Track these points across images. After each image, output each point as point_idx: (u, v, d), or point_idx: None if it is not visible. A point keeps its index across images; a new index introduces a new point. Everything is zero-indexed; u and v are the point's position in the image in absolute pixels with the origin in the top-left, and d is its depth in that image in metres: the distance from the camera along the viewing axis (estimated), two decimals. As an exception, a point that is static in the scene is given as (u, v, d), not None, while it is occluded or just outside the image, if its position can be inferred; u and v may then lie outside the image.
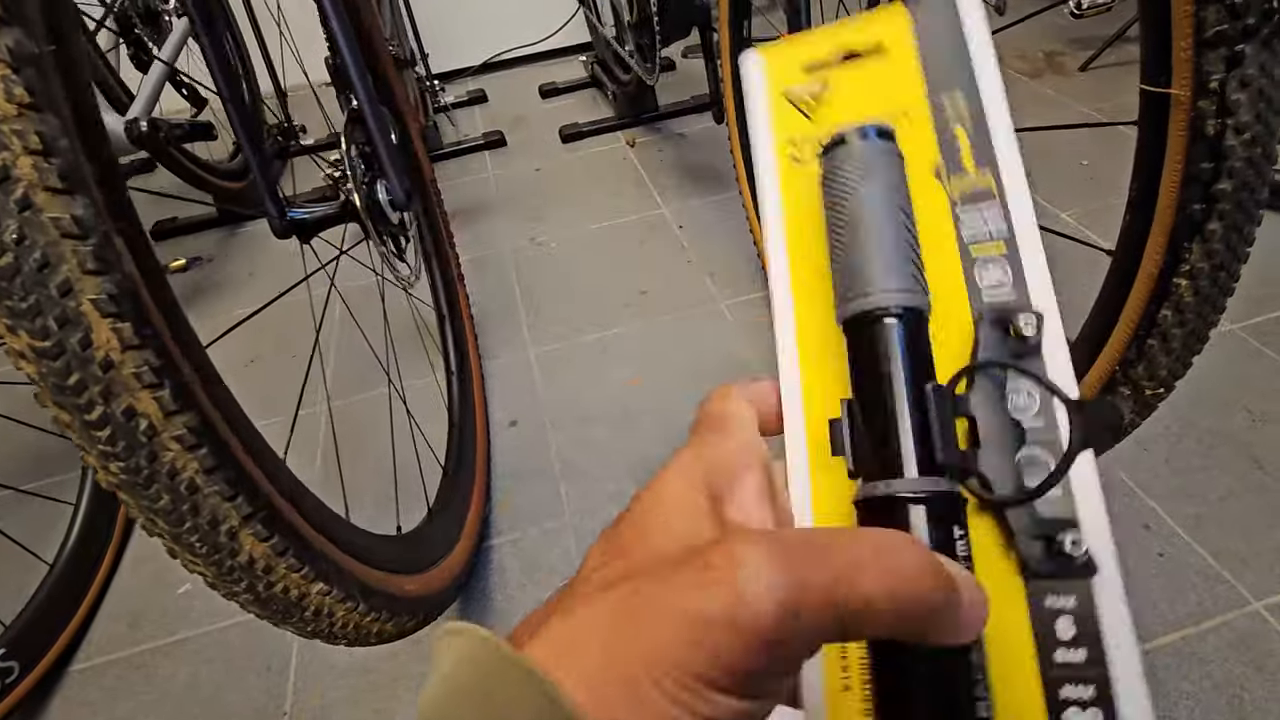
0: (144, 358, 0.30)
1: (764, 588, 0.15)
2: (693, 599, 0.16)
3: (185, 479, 0.32)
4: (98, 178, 0.29)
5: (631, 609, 0.16)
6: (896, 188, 0.21)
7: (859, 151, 0.21)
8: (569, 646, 0.17)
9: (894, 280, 0.20)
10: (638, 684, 0.15)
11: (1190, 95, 0.33)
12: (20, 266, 0.26)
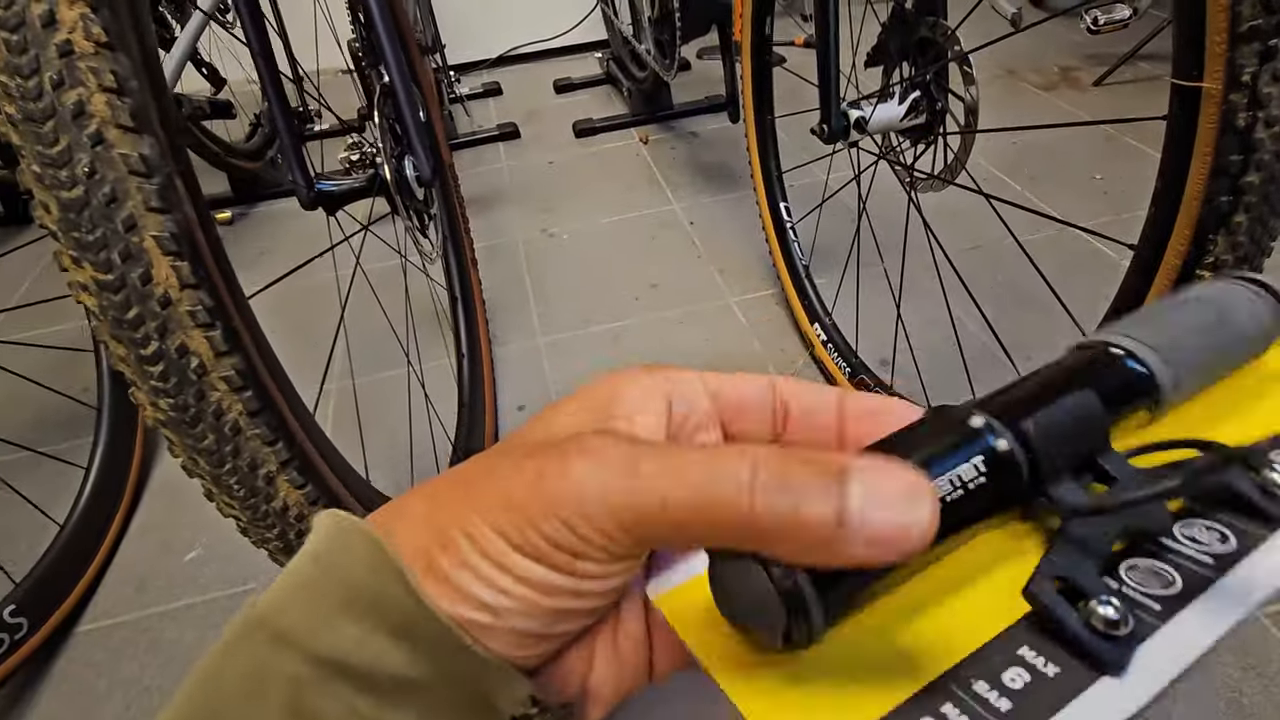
0: (199, 297, 0.30)
1: (593, 475, 0.16)
2: (524, 469, 0.17)
3: (230, 420, 0.32)
4: (161, 120, 0.30)
5: (473, 473, 0.18)
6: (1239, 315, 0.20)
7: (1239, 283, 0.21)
8: (412, 509, 0.18)
9: (1153, 340, 0.19)
10: (446, 531, 0.17)
11: (1222, 89, 0.34)
12: (90, 200, 0.27)
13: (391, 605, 0.16)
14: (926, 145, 0.71)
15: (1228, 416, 0.20)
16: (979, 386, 0.84)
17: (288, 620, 0.17)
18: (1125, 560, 0.17)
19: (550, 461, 0.17)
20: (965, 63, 0.64)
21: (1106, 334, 0.20)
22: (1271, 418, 0.20)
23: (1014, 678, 0.15)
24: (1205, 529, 0.17)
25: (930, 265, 0.84)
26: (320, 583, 0.17)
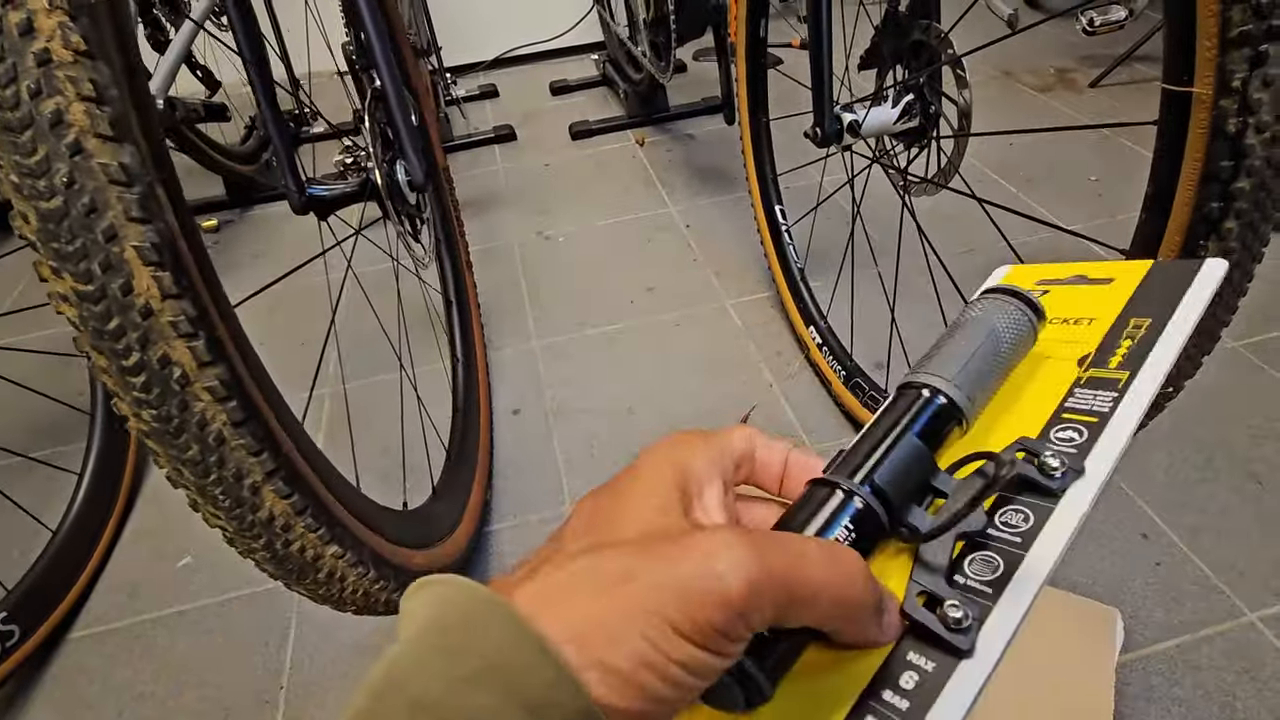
0: (181, 308, 0.30)
1: (736, 565, 0.18)
2: (677, 567, 0.19)
3: (214, 430, 0.32)
4: (142, 128, 0.30)
5: (616, 571, 0.19)
6: (1005, 330, 0.25)
7: (1000, 299, 0.26)
8: (554, 597, 0.19)
9: (961, 382, 0.24)
10: (618, 630, 0.18)
11: (1212, 94, 0.34)
12: (69, 210, 0.27)
13: (531, 680, 0.17)
14: (920, 149, 0.71)
15: (1017, 403, 0.26)
16: (974, 390, 0.83)
17: (425, 689, 0.17)
18: (966, 558, 0.22)
19: (702, 564, 0.19)
20: (959, 66, 0.64)
21: (918, 375, 0.25)
22: (1045, 388, 0.26)
23: (907, 680, 0.20)
24: (1014, 513, 0.22)
25: (924, 269, 0.84)
26: (458, 652, 0.17)
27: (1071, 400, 0.25)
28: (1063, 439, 0.24)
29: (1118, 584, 0.71)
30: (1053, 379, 0.26)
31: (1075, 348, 0.27)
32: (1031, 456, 0.23)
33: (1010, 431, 0.25)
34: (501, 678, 0.17)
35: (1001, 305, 0.26)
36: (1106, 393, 0.24)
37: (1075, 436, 0.23)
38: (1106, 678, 0.50)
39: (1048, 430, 0.24)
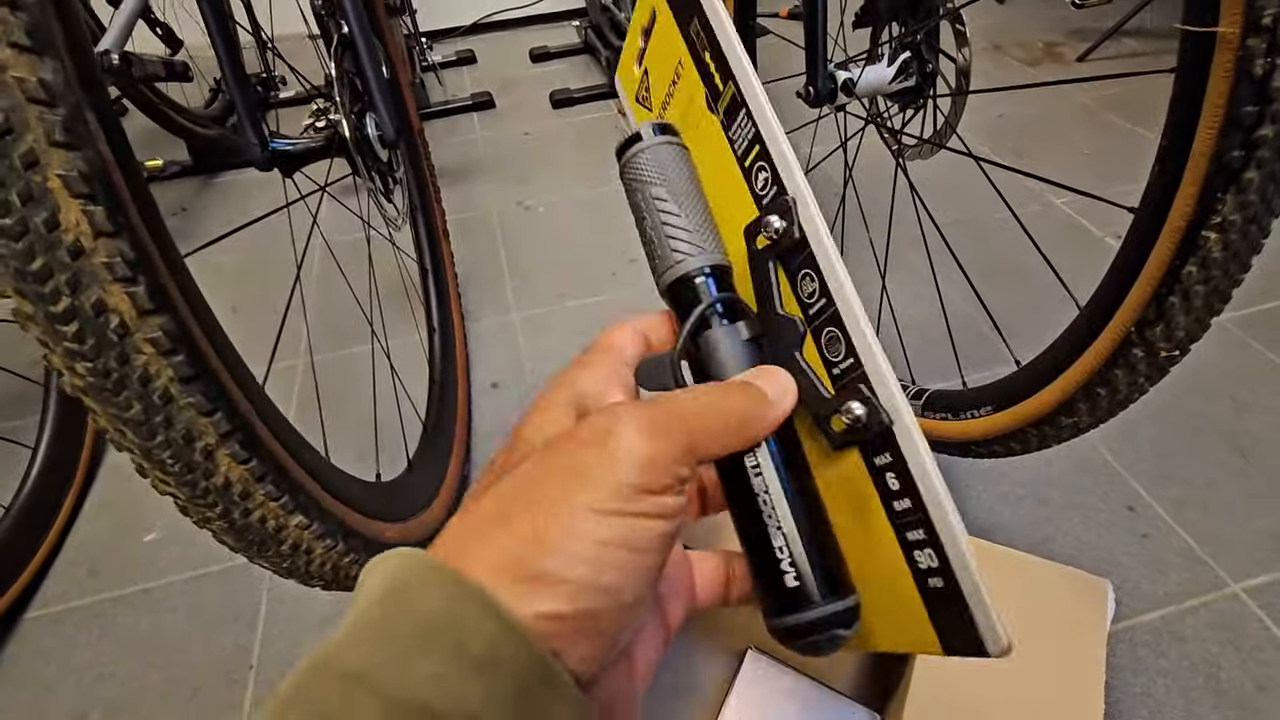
0: (117, 247, 0.27)
1: (632, 427, 0.19)
2: (577, 453, 0.19)
3: (159, 387, 0.29)
4: (67, 42, 0.26)
5: (522, 486, 0.19)
6: (676, 173, 0.25)
7: (643, 152, 0.26)
8: (469, 541, 0.18)
9: (690, 250, 0.25)
10: (541, 534, 0.18)
11: (1239, 33, 0.32)
12: (-23, 129, 0.24)
13: (473, 634, 0.16)
14: (916, 109, 0.68)
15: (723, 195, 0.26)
16: (965, 362, 0.82)
17: (360, 661, 0.16)
18: (821, 345, 0.23)
19: (602, 433, 0.19)
20: (958, 21, 0.61)
21: (674, 270, 0.25)
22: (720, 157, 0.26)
23: (893, 482, 0.21)
24: (803, 279, 0.24)
25: (915, 241, 0.82)
26: (393, 622, 0.16)
27: (737, 146, 0.26)
28: (763, 186, 0.24)
29: (1104, 556, 0.71)
30: (715, 146, 0.26)
31: (697, 97, 0.27)
32: (764, 233, 0.24)
33: (743, 209, 0.26)
34: (444, 640, 0.16)
35: (650, 158, 0.26)
36: (740, 113, 0.25)
37: (765, 173, 0.24)
38: (1098, 648, 0.50)
39: (753, 188, 0.25)
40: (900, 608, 0.21)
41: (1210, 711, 0.60)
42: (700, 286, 0.24)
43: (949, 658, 0.21)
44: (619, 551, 0.18)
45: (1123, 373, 0.45)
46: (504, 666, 0.16)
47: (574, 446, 0.19)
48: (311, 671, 0.16)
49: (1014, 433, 0.57)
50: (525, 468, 0.20)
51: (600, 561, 0.18)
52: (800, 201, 0.23)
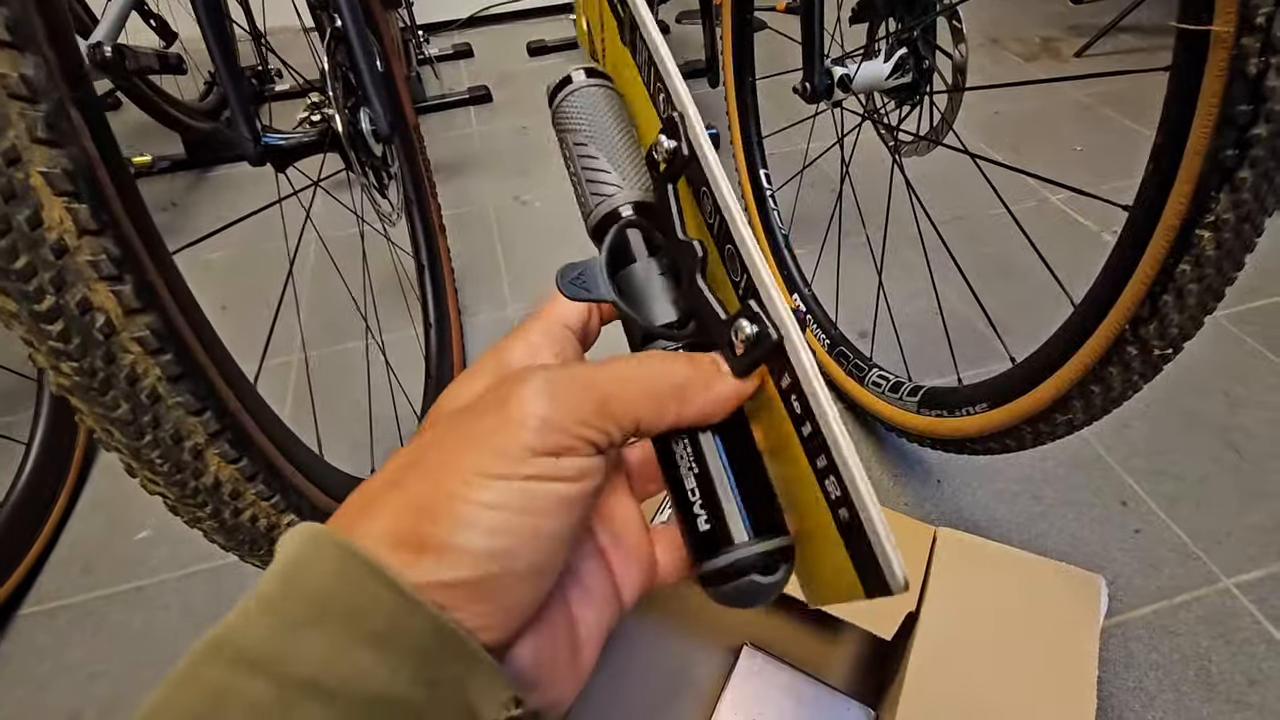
0: (102, 245, 0.27)
1: (530, 389, 0.18)
2: (474, 419, 0.18)
3: (146, 386, 0.29)
4: (49, 36, 0.26)
5: (419, 453, 0.18)
6: (598, 115, 0.25)
7: (571, 95, 0.26)
8: (366, 506, 0.18)
9: (608, 190, 0.24)
10: (428, 501, 0.17)
11: (1234, 32, 0.32)
12: (-42, 126, 0.23)
13: (370, 608, 0.15)
14: (913, 106, 0.68)
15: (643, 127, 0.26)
16: (961, 359, 0.82)
17: (250, 639, 0.15)
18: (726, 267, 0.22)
19: (503, 396, 0.18)
20: (955, 17, 0.61)
21: (601, 207, 0.25)
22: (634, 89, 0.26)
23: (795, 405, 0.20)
24: (703, 199, 0.23)
25: (910, 238, 0.81)
26: (286, 598, 0.16)
27: (641, 73, 0.25)
28: (663, 107, 0.24)
29: (1098, 551, 0.71)
30: (627, 71, 0.26)
31: (615, 35, 0.27)
32: (656, 154, 0.23)
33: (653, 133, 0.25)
34: (335, 615, 0.15)
35: (578, 101, 0.25)
36: (635, 35, 0.25)
37: (663, 94, 0.24)
38: (1091, 643, 0.50)
39: (659, 111, 0.24)
40: (830, 551, 0.20)
41: (1201, 705, 0.60)
42: (618, 224, 0.24)
43: (943, 657, 0.21)
44: (509, 515, 0.17)
45: (1117, 370, 0.45)
46: (406, 639, 0.15)
47: (474, 412, 0.19)
48: (202, 653, 0.15)
49: (1009, 430, 0.57)
50: (424, 436, 0.19)
51: (489, 527, 0.17)
52: (686, 117, 0.22)
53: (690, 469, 0.21)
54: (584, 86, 0.26)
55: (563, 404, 0.18)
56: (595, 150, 0.25)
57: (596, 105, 0.25)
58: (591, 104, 0.25)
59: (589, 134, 0.25)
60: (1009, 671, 0.49)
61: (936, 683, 0.49)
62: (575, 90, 0.25)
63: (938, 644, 0.50)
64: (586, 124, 0.25)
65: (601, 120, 0.25)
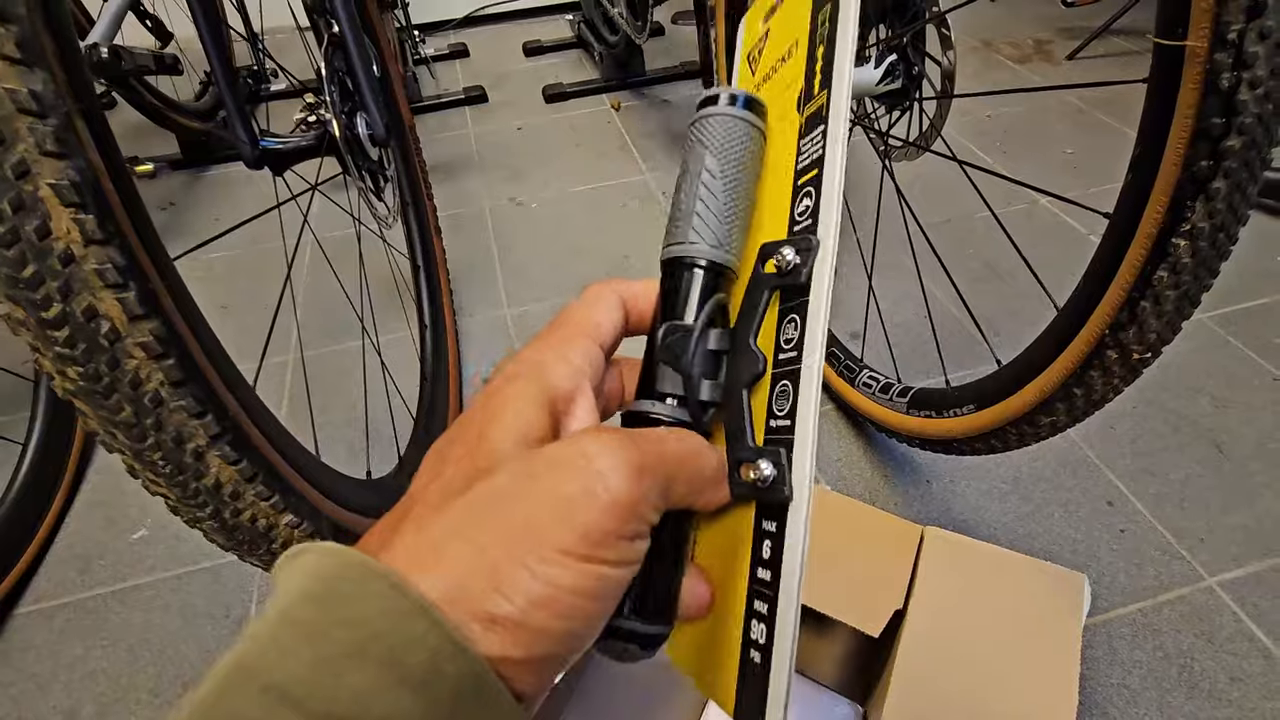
0: (107, 255, 0.27)
1: (617, 461, 0.17)
2: (554, 481, 0.17)
3: (149, 390, 0.29)
4: (58, 53, 0.26)
5: (489, 505, 0.17)
6: (738, 157, 0.24)
7: (718, 116, 0.24)
8: (424, 552, 0.17)
9: (708, 238, 0.23)
10: (503, 572, 0.16)
11: (1207, 48, 0.33)
12: (-31, 140, 0.24)
13: (414, 652, 0.15)
14: (902, 111, 0.69)
15: (766, 201, 0.24)
16: (949, 361, 0.83)
17: (285, 673, 0.14)
18: (774, 395, 0.22)
19: (579, 472, 0.17)
20: (943, 25, 0.62)
21: (674, 249, 0.23)
22: (780, 162, 0.24)
23: (765, 550, 0.21)
24: (789, 325, 0.22)
25: (901, 241, 0.83)
26: (324, 628, 0.15)
27: (801, 159, 0.23)
28: (802, 212, 0.22)
29: (1084, 550, 0.72)
30: (783, 147, 0.24)
31: (792, 89, 0.24)
32: (776, 260, 0.22)
33: (776, 225, 0.24)
34: (376, 652, 0.15)
35: (721, 127, 0.24)
36: (817, 130, 0.22)
37: (809, 202, 0.22)
38: (1073, 641, 0.51)
39: (793, 209, 0.23)
40: (717, 655, 0.22)
41: (1184, 702, 0.61)
42: (695, 277, 0.23)
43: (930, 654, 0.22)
44: (584, 601, 0.17)
45: (1098, 374, 0.46)
46: (445, 683, 0.15)
47: (553, 472, 0.18)
48: (231, 679, 0.15)
49: (995, 431, 0.58)
50: (497, 482, 0.18)
51: (560, 609, 0.16)
52: (823, 249, 0.21)
53: None
54: (742, 119, 0.24)
55: (645, 486, 0.18)
56: (719, 188, 0.23)
57: (742, 144, 0.24)
58: (739, 140, 0.24)
59: (722, 169, 0.23)
60: (993, 668, 0.50)
61: (923, 679, 0.50)
62: (733, 117, 0.24)
63: (924, 641, 0.51)
64: (724, 156, 0.24)
65: (739, 162, 0.24)
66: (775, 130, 0.25)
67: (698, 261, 0.23)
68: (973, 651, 0.51)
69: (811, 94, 0.23)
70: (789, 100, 0.24)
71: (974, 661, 0.50)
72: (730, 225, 0.23)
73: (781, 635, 0.19)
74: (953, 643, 0.51)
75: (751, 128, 0.24)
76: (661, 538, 0.20)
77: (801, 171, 0.23)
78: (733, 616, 0.21)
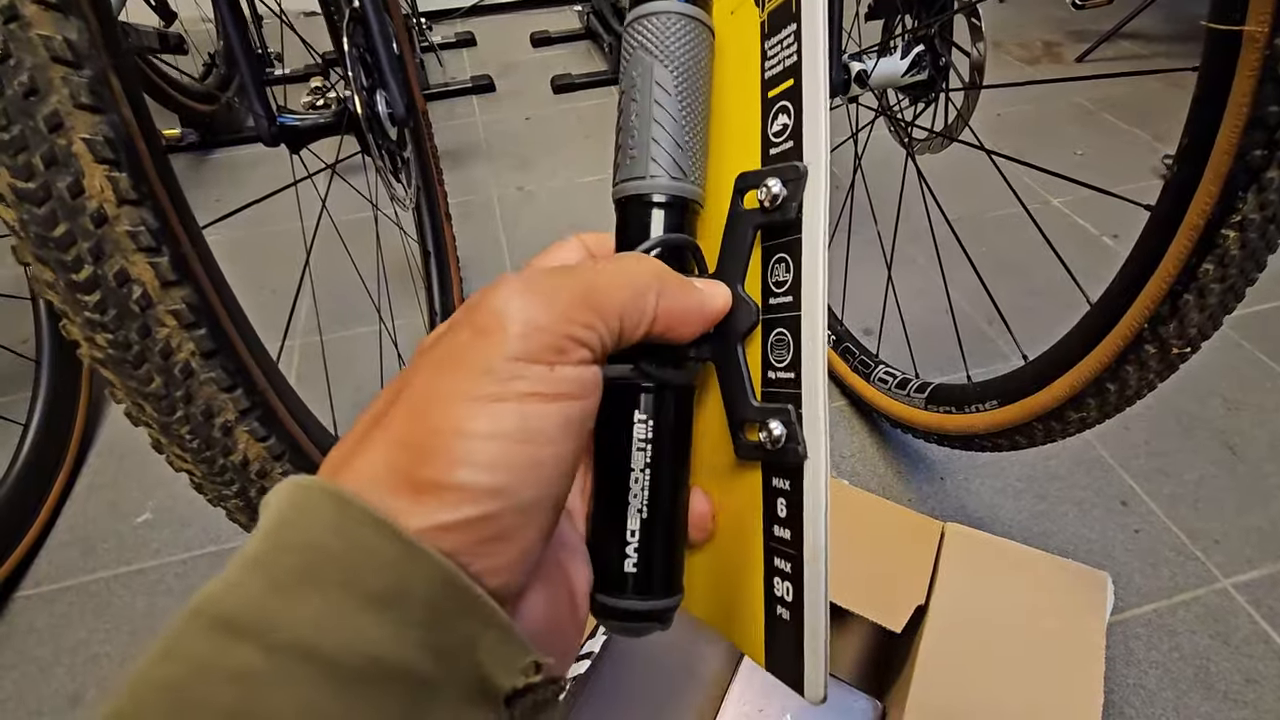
0: (141, 216, 0.26)
1: (509, 294, 0.16)
2: (449, 342, 0.16)
3: (180, 361, 0.28)
4: (91, 2, 0.25)
5: (396, 400, 0.16)
6: (693, 66, 0.21)
7: (664, 14, 0.20)
8: (352, 449, 0.16)
9: (668, 167, 0.20)
10: (416, 441, 0.15)
11: (1268, 31, 0.32)
12: (2, 89, 0.23)
13: (369, 565, 0.13)
14: (928, 103, 0.68)
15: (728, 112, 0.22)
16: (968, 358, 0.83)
17: (233, 604, 0.13)
18: (768, 344, 0.20)
19: (474, 306, 0.17)
20: (974, 14, 0.61)
21: (628, 186, 0.21)
22: (743, 69, 0.21)
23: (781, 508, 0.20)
24: (777, 264, 0.20)
25: (916, 237, 0.82)
26: (274, 556, 0.14)
27: (769, 66, 0.20)
28: (778, 132, 0.20)
29: (1099, 549, 0.72)
30: (741, 48, 0.21)
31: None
32: (760, 193, 0.20)
33: (732, 164, 0.21)
34: (331, 574, 0.13)
35: (669, 28, 0.20)
36: (788, 28, 0.19)
37: (786, 120, 0.19)
38: (1098, 637, 0.50)
39: (766, 128, 0.20)
40: (740, 611, 0.21)
41: (1201, 703, 0.61)
42: (656, 218, 0.21)
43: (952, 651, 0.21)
44: (508, 445, 0.15)
45: (1134, 369, 0.46)
46: (411, 595, 0.14)
47: (450, 334, 0.17)
48: (182, 621, 0.13)
49: (1019, 426, 0.57)
50: (404, 371, 0.17)
51: (488, 460, 0.15)
52: (813, 176, 0.19)
53: (640, 510, 0.20)
54: (687, 17, 0.20)
55: (542, 299, 0.16)
56: (672, 108, 0.20)
57: (692, 48, 0.20)
58: (688, 43, 0.20)
59: (674, 82, 0.20)
60: (1016, 665, 0.49)
61: (944, 675, 0.49)
62: (677, 14, 0.20)
63: (946, 637, 0.51)
64: (673, 66, 0.20)
65: (690, 72, 0.20)
66: (727, 24, 0.22)
67: (656, 198, 0.20)
68: (995, 648, 0.50)
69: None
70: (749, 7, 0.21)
71: (997, 658, 0.50)
72: (690, 150, 0.20)
73: (813, 603, 0.19)
74: (975, 639, 0.51)
75: (701, 26, 0.21)
76: (654, 512, 0.20)
77: (771, 82, 0.20)
78: (752, 572, 0.20)
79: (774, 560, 0.20)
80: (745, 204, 0.20)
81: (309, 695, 0.12)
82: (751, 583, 0.20)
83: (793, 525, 0.19)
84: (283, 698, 0.12)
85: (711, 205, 0.22)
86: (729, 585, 0.21)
